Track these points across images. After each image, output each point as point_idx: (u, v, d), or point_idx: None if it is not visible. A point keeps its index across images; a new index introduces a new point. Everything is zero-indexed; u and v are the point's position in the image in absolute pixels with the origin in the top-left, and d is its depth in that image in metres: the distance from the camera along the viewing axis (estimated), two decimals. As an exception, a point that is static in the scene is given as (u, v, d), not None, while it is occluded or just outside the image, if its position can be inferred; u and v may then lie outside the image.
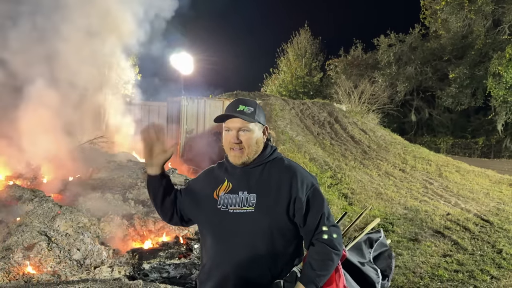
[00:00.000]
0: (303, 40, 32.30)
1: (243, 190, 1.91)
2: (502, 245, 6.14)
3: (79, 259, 4.57)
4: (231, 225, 1.90)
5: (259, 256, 1.86)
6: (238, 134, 1.90)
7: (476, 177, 11.98)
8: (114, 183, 7.39)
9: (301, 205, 1.86)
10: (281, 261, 1.90)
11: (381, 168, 12.03)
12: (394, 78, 27.45)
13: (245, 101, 1.97)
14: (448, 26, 25.55)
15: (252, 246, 1.86)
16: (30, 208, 5.34)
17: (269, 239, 1.86)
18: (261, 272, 1.87)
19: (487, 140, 25.12)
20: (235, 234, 1.89)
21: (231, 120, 1.92)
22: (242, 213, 1.88)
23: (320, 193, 1.93)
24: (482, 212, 8.13)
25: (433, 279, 4.84)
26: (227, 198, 1.93)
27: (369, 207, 2.82)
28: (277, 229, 1.87)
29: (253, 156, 1.94)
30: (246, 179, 1.93)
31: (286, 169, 1.93)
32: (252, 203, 1.87)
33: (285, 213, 1.86)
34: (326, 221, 1.88)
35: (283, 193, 1.87)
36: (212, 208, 1.95)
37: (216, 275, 1.91)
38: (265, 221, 1.85)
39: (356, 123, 17.12)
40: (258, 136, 1.95)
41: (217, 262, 1.92)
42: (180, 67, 15.80)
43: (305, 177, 1.91)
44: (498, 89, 21.50)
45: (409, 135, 27.60)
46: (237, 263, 1.87)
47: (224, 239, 1.92)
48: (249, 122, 1.90)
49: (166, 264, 4.63)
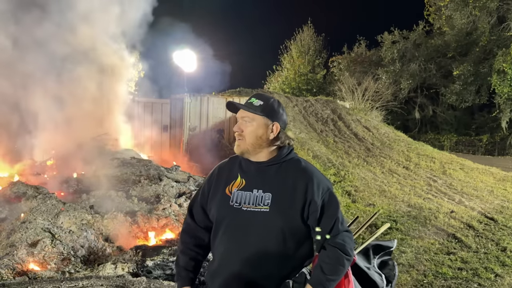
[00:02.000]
0: (307, 37, 32.18)
1: (258, 188, 1.88)
2: (507, 243, 6.11)
3: (83, 256, 4.59)
4: (243, 223, 1.88)
5: (269, 256, 1.85)
6: (240, 123, 1.94)
7: (480, 175, 11.92)
8: (118, 180, 7.41)
9: (316, 209, 1.85)
10: (291, 262, 1.88)
11: (385, 165, 11.99)
12: (398, 75, 27.33)
13: (259, 95, 1.98)
14: (453, 22, 25.40)
15: (263, 246, 1.85)
16: (34, 205, 5.36)
17: (281, 240, 1.84)
18: (270, 272, 1.85)
19: (491, 138, 24.99)
20: (247, 233, 1.87)
21: (239, 110, 1.96)
22: (256, 211, 1.85)
23: (335, 197, 1.92)
24: (486, 209, 8.10)
25: (437, 277, 4.82)
26: (240, 195, 1.90)
27: (378, 211, 2.78)
28: (290, 230, 1.85)
29: (254, 149, 1.92)
30: (261, 177, 1.91)
31: (303, 171, 1.91)
32: (267, 203, 1.84)
33: (299, 215, 1.85)
34: (340, 226, 1.87)
35: (298, 195, 1.85)
36: (224, 204, 1.93)
37: (224, 272, 1.90)
38: (279, 221, 1.84)
39: (359, 120, 17.07)
40: (260, 129, 1.91)
41: (226, 259, 1.91)
42: (183, 64, 15.80)
43: (321, 181, 1.90)
44: (503, 86, 21.37)
45: (413, 132, 27.51)
46: (246, 261, 1.85)
47: (235, 236, 1.90)
48: (252, 113, 1.91)
49: (170, 261, 4.63)
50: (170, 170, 8.59)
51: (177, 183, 7.80)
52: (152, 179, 7.51)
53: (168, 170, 8.49)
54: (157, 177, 7.64)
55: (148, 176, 7.68)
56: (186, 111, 13.49)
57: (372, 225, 6.85)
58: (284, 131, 1.99)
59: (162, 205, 6.28)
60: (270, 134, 1.93)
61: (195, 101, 13.65)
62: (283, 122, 1.98)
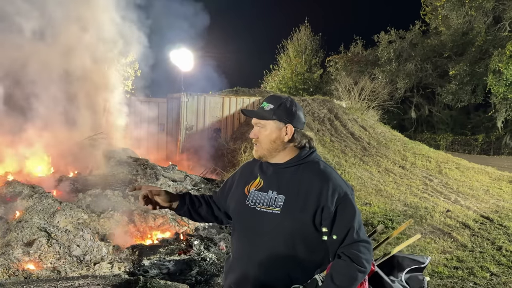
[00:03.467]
0: (303, 37, 32.18)
1: (273, 190, 1.88)
2: (502, 242, 6.14)
3: (79, 255, 4.58)
4: (256, 223, 1.88)
5: (279, 259, 1.83)
6: (255, 129, 1.96)
7: (475, 174, 11.97)
8: (114, 179, 7.39)
9: (329, 215, 1.78)
10: (302, 267, 1.84)
11: (381, 164, 12.02)
12: (394, 74, 27.39)
13: (271, 98, 1.97)
14: (449, 22, 25.49)
15: (272, 248, 1.84)
16: (30, 204, 5.34)
17: (290, 244, 1.82)
18: (280, 276, 1.84)
19: (487, 137, 25.11)
20: (259, 233, 1.88)
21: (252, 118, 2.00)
22: (268, 212, 1.85)
23: (352, 204, 1.82)
24: (481, 209, 8.14)
25: (433, 276, 4.84)
26: (256, 195, 1.91)
27: (406, 224, 2.57)
28: (300, 235, 1.82)
29: (271, 153, 1.93)
30: (277, 179, 1.90)
31: (319, 174, 1.85)
32: (279, 205, 1.84)
33: (311, 220, 1.80)
34: (355, 235, 1.78)
35: (311, 199, 1.80)
36: (241, 202, 1.96)
37: (237, 269, 1.94)
38: (289, 225, 1.82)
39: (356, 120, 17.10)
40: (273, 134, 1.91)
41: (239, 257, 1.96)
42: (180, 63, 15.76)
43: (338, 186, 1.81)
44: (498, 86, 21.46)
45: (409, 132, 27.59)
46: (256, 261, 1.86)
47: (248, 236, 1.92)
48: (261, 119, 1.92)
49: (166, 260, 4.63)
50: (167, 169, 8.58)
51: (173, 182, 7.79)
52: (149, 178, 7.49)
53: (164, 169, 8.47)
54: (153, 176, 7.62)
55: (144, 175, 7.67)
56: (183, 110, 13.48)
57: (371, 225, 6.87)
58: (302, 130, 1.94)
59: (158, 204, 6.26)
60: (285, 136, 1.90)
61: (192, 100, 13.65)
62: (297, 122, 1.93)
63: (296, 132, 1.92)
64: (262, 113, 1.92)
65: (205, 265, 4.64)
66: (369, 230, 6.60)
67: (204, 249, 5.06)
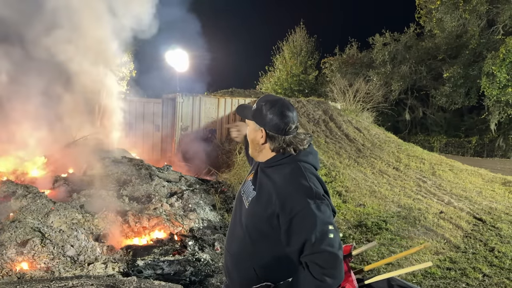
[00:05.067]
0: (299, 38, 32.29)
1: (254, 185, 1.96)
2: (494, 243, 6.19)
3: (73, 256, 4.56)
4: (238, 213, 1.99)
5: (245, 252, 1.91)
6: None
7: (469, 176, 12.05)
8: (109, 179, 7.37)
9: (285, 223, 1.75)
10: (268, 264, 1.86)
11: (375, 166, 12.07)
12: (388, 77, 27.53)
13: (261, 98, 1.97)
14: (443, 25, 25.65)
15: (241, 240, 1.93)
16: (24, 204, 5.32)
17: (254, 238, 1.88)
18: (246, 267, 1.90)
19: (480, 139, 25.29)
20: (237, 223, 1.98)
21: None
22: (244, 205, 1.96)
23: (309, 216, 1.70)
24: (474, 210, 8.20)
25: (425, 277, 4.88)
26: (247, 186, 2.00)
27: (421, 247, 2.32)
28: (261, 233, 1.85)
29: (253, 151, 1.99)
30: (258, 176, 1.97)
31: (284, 179, 1.82)
32: (249, 200, 1.92)
33: (266, 221, 1.81)
34: (313, 247, 1.69)
35: (271, 202, 1.79)
36: (239, 190, 2.08)
37: (224, 255, 2.08)
38: (251, 221, 1.89)
39: (350, 122, 17.16)
40: (252, 134, 1.95)
41: (225, 243, 2.08)
42: (175, 64, 15.75)
43: (299, 196, 1.74)
44: (492, 89, 21.62)
45: (403, 133, 27.72)
46: (231, 250, 1.99)
47: (232, 223, 2.04)
48: (244, 117, 2.00)
49: (160, 261, 4.63)
50: (162, 169, 8.57)
51: (168, 182, 7.78)
52: (143, 179, 7.48)
53: (159, 170, 8.46)
54: (148, 177, 7.61)
55: (139, 175, 7.65)
56: (178, 111, 13.46)
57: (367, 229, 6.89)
58: (280, 136, 1.86)
59: (153, 205, 6.26)
60: (260, 139, 1.90)
61: (187, 101, 13.63)
62: (271, 127, 1.86)
63: (269, 137, 1.88)
64: (247, 111, 1.98)
65: (200, 265, 4.64)
66: (362, 231, 6.63)
67: (199, 250, 5.07)
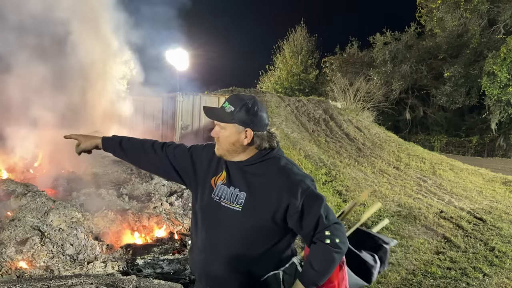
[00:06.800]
0: (299, 37, 32.28)
1: (235, 186, 1.88)
2: (495, 243, 6.18)
3: (72, 254, 4.55)
4: (219, 218, 1.89)
5: (239, 254, 1.86)
6: (215, 128, 1.92)
7: (469, 176, 12.05)
8: (108, 178, 7.37)
9: (296, 211, 1.79)
10: (264, 261, 1.87)
11: (376, 165, 12.06)
12: (389, 76, 27.52)
13: (232, 99, 1.88)
14: (444, 24, 25.64)
15: (233, 243, 1.86)
16: (23, 203, 5.31)
17: (251, 240, 1.85)
18: (241, 269, 1.87)
19: (480, 139, 25.29)
20: (222, 228, 1.89)
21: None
22: (230, 209, 1.86)
23: (315, 195, 1.83)
24: (475, 210, 8.19)
25: (426, 276, 4.87)
26: (222, 190, 1.91)
27: (377, 205, 2.52)
28: (261, 231, 1.84)
29: (230, 153, 1.90)
30: (239, 176, 1.89)
31: (280, 171, 1.84)
32: (240, 202, 1.84)
33: (270, 217, 1.81)
34: (326, 221, 1.80)
35: (273, 197, 1.80)
36: (207, 194, 1.95)
37: (201, 264, 1.96)
38: (249, 222, 1.83)
39: (351, 121, 17.15)
40: (232, 137, 1.85)
41: (202, 251, 1.95)
42: (175, 63, 15.72)
43: (300, 181, 1.82)
44: (492, 88, 21.61)
45: (404, 133, 27.72)
46: (217, 256, 1.90)
47: (213, 229, 1.92)
48: (220, 122, 1.87)
49: (160, 260, 4.62)
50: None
51: (168, 181, 7.78)
52: (143, 178, 7.47)
53: (159, 169, 8.44)
54: (148, 176, 7.60)
55: (139, 174, 7.64)
56: (178, 109, 13.45)
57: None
58: (263, 133, 1.88)
59: (153, 204, 6.25)
60: (244, 140, 1.85)
61: (187, 100, 13.62)
62: (258, 125, 1.86)
63: (256, 136, 1.86)
64: (222, 115, 1.86)
65: (199, 264, 4.63)
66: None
67: (198, 249, 5.05)
